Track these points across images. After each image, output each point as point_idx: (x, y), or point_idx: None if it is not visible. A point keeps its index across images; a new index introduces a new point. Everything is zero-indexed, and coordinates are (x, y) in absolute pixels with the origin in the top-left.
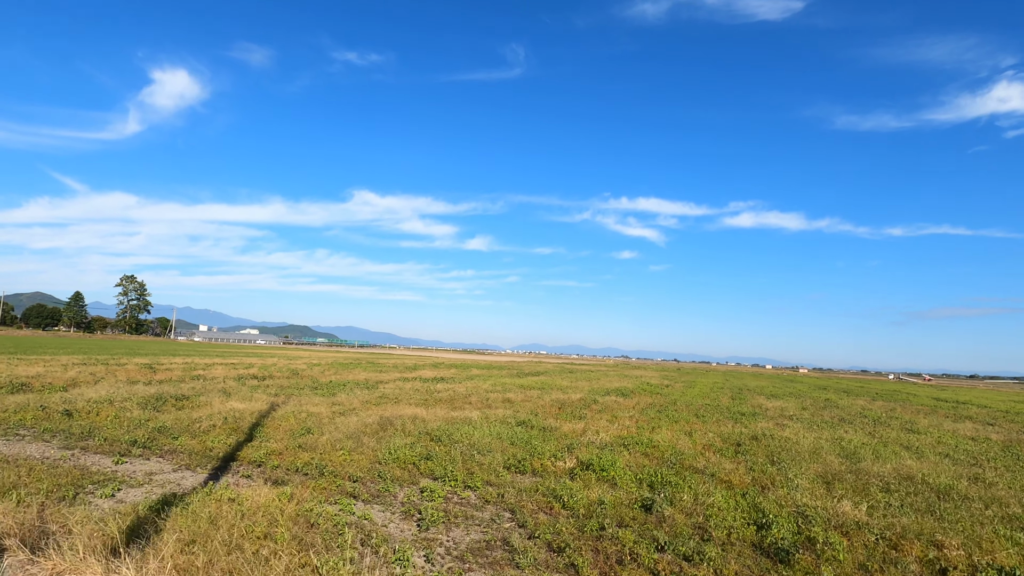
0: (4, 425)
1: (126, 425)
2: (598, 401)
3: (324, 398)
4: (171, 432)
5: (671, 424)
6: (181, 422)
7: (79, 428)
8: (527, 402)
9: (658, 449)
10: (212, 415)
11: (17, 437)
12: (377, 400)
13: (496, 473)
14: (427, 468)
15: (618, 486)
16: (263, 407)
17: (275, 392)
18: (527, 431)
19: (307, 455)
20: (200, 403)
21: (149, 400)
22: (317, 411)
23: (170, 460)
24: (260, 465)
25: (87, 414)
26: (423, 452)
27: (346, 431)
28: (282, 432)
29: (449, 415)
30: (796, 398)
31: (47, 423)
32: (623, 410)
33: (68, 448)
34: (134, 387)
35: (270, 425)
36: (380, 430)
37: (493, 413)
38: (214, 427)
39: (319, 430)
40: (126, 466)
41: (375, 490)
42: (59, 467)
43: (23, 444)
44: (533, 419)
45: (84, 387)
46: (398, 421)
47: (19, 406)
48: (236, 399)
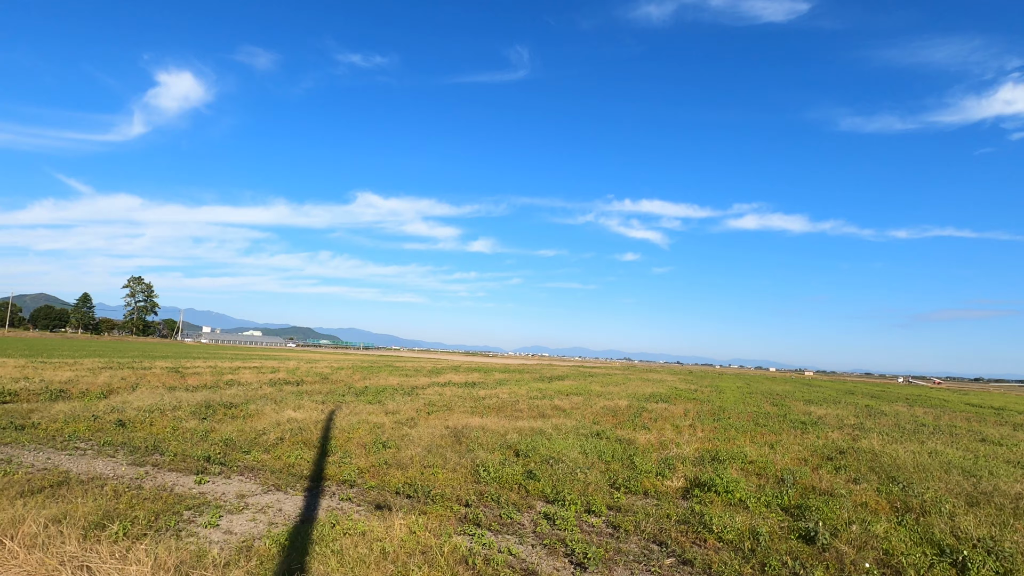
0: (59, 436)
1: (188, 437)
2: (647, 408)
3: (373, 406)
4: (239, 445)
5: (741, 435)
6: (245, 434)
7: (140, 441)
8: (577, 409)
9: (755, 464)
10: (272, 426)
11: (79, 451)
12: (428, 408)
13: (608, 494)
14: (535, 489)
15: (751, 510)
16: (319, 416)
17: (321, 399)
18: (607, 444)
19: (398, 473)
20: (251, 412)
21: (199, 409)
22: (378, 421)
23: (254, 479)
24: (352, 485)
25: (141, 424)
26: (522, 470)
27: (422, 444)
28: (355, 446)
29: (515, 425)
30: (836, 404)
31: (103, 435)
32: (677, 418)
33: (139, 464)
34: (175, 394)
35: (339, 437)
36: (455, 443)
37: (557, 423)
38: (282, 440)
39: (395, 444)
40: (210, 486)
41: (495, 516)
42: (142, 488)
43: (88, 460)
44: (604, 430)
45: (123, 394)
46: (470, 433)
47: (68, 416)
48: (287, 408)
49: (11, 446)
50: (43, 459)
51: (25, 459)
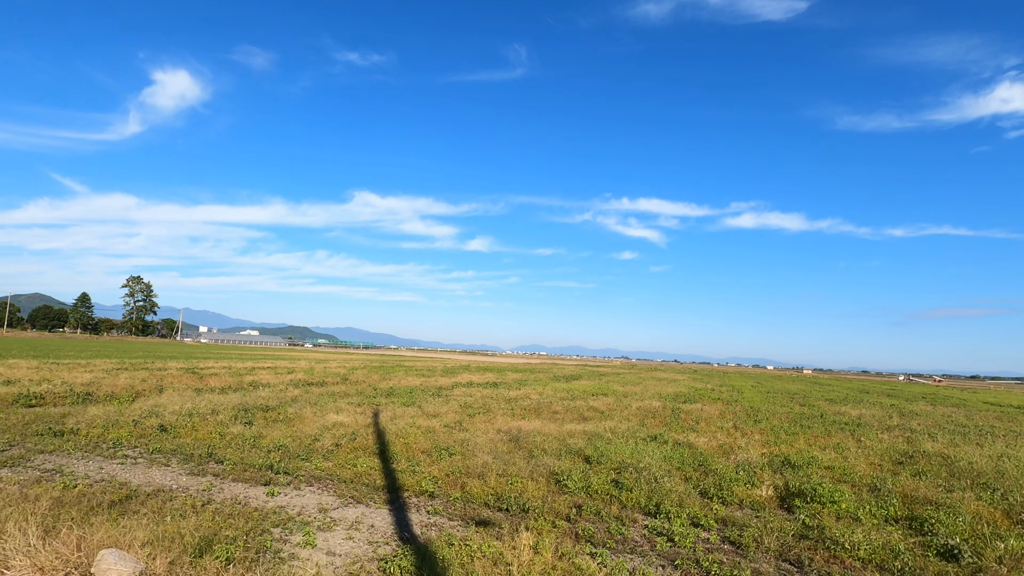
0: (103, 443)
1: (240, 444)
2: (681, 409)
3: (410, 408)
4: (295, 452)
5: (794, 437)
6: (297, 440)
7: (190, 448)
8: (614, 411)
9: (834, 471)
10: (320, 431)
11: (129, 460)
12: (465, 410)
13: (705, 505)
14: (629, 500)
15: (863, 522)
16: (363, 420)
17: (355, 402)
18: (671, 449)
19: (476, 483)
20: (290, 415)
21: (238, 412)
22: (425, 425)
23: (326, 490)
24: (433, 496)
25: (184, 430)
26: (606, 479)
27: (484, 450)
28: (417, 452)
29: (565, 429)
30: (860, 404)
31: (148, 441)
32: (716, 420)
33: (198, 474)
34: (204, 396)
35: (395, 443)
36: (516, 448)
37: (607, 426)
38: (338, 447)
39: (457, 450)
40: (285, 499)
41: (604, 532)
42: (212, 501)
43: (143, 469)
44: (660, 433)
45: (151, 397)
46: (528, 438)
47: (105, 420)
48: (327, 411)
49: (56, 454)
50: (95, 469)
51: (77, 469)
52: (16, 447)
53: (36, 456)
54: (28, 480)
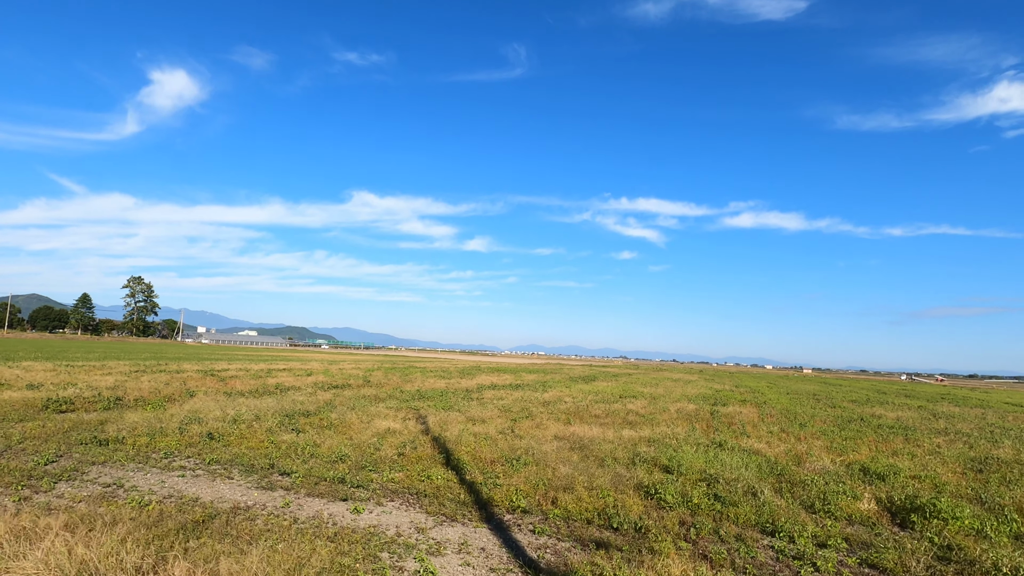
0: (153, 453)
1: (298, 453)
2: (719, 412)
3: (453, 413)
4: (361, 463)
5: (854, 443)
6: (356, 448)
7: (248, 458)
8: (656, 414)
9: (923, 480)
10: (374, 438)
11: (189, 472)
12: (506, 414)
13: (816, 521)
14: (737, 516)
15: (993, 540)
16: (414, 427)
17: (394, 406)
18: (742, 456)
19: (568, 497)
20: (334, 421)
21: (282, 419)
22: (480, 431)
23: (411, 505)
24: (527, 512)
25: (233, 438)
26: (704, 492)
27: (555, 459)
28: (486, 461)
29: (619, 435)
30: (885, 405)
31: (200, 450)
32: (760, 423)
33: (268, 488)
34: (236, 401)
35: (460, 452)
36: (584, 456)
37: (660, 431)
38: (402, 456)
39: (528, 459)
40: (371, 516)
41: (734, 554)
42: (298, 520)
43: (207, 483)
44: (724, 440)
45: (183, 402)
46: (592, 445)
47: (150, 429)
48: (374, 417)
49: (109, 465)
50: (156, 483)
51: (139, 483)
52: (65, 457)
53: (89, 468)
54: (93, 496)
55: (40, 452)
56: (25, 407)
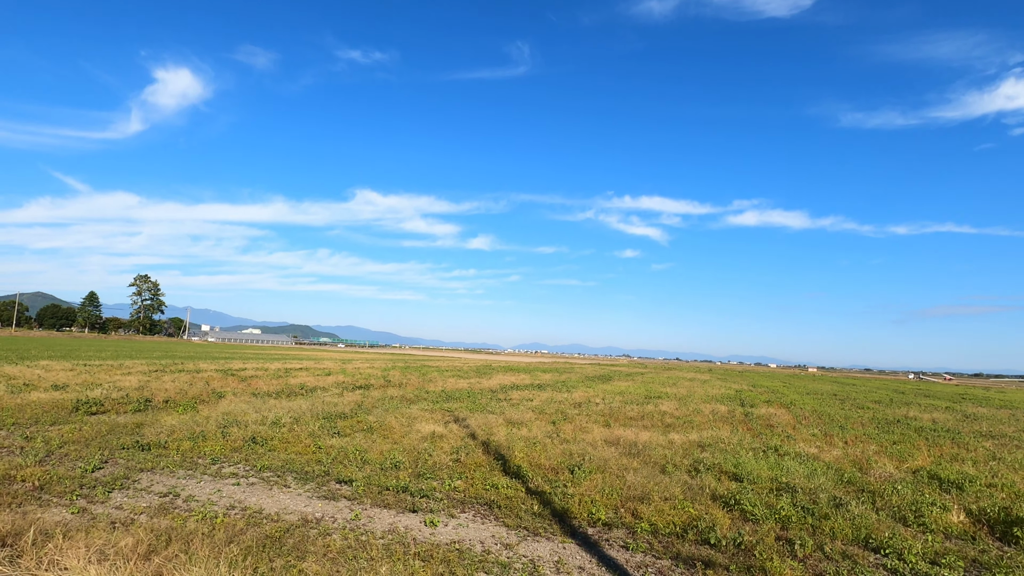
0: (199, 458)
1: (351, 459)
2: (752, 414)
3: (488, 415)
4: (417, 470)
5: (907, 447)
6: (409, 455)
7: (300, 464)
8: (692, 416)
9: (1003, 489)
10: (422, 443)
11: (243, 480)
12: (544, 417)
13: (916, 536)
14: (835, 530)
15: None
16: (457, 430)
17: (428, 408)
18: (802, 463)
19: (646, 509)
20: (374, 424)
21: (321, 421)
22: (526, 435)
23: (485, 517)
24: (610, 526)
25: (277, 442)
26: (787, 502)
27: (616, 466)
28: (546, 468)
29: (667, 439)
30: (909, 406)
31: (247, 456)
32: (798, 426)
33: (329, 498)
34: (268, 402)
35: (516, 457)
36: (643, 462)
37: (708, 435)
38: (458, 462)
39: (589, 466)
40: (450, 530)
41: (850, 574)
42: (372, 534)
43: (264, 491)
44: (778, 445)
45: (214, 403)
46: (647, 451)
47: (190, 432)
48: (414, 420)
49: (158, 473)
50: (213, 492)
51: (195, 492)
52: (110, 464)
53: (138, 475)
54: (152, 508)
55: (84, 458)
56: (55, 409)
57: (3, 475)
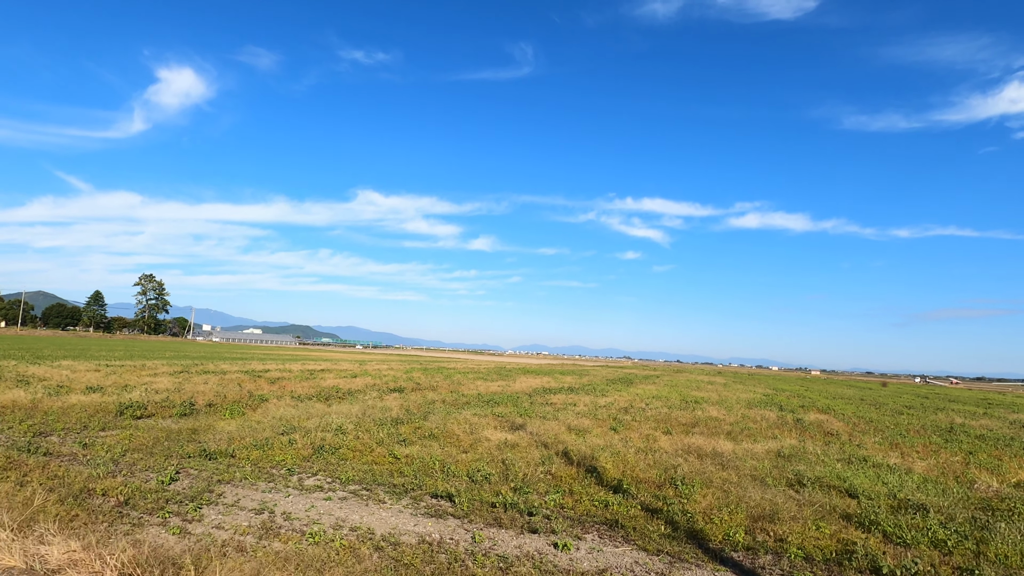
0: (273, 468)
1: (435, 470)
2: (803, 422)
3: (545, 421)
4: (513, 484)
5: (990, 456)
6: (493, 464)
7: (383, 475)
8: (747, 424)
9: None
10: (499, 453)
11: (334, 495)
12: (601, 424)
13: None
14: (995, 555)
15: None
16: (525, 439)
17: (480, 413)
18: (900, 476)
19: (782, 529)
20: (435, 431)
21: (384, 428)
22: (602, 444)
23: (614, 540)
24: (753, 550)
25: (347, 451)
26: (920, 523)
27: (716, 478)
28: (647, 483)
29: (743, 448)
30: (943, 412)
31: (326, 467)
32: (853, 433)
33: (434, 515)
34: (316, 407)
35: (608, 470)
36: (736, 474)
37: (786, 444)
38: (550, 475)
39: (695, 479)
40: (583, 555)
41: None
42: (507, 559)
43: (361, 507)
44: (867, 455)
45: (260, 407)
46: (732, 462)
47: (254, 440)
48: (470, 426)
49: (238, 485)
50: (307, 508)
51: (289, 508)
52: (184, 475)
53: (220, 488)
54: (253, 527)
55: (153, 468)
56: (99, 412)
57: (82, 488)
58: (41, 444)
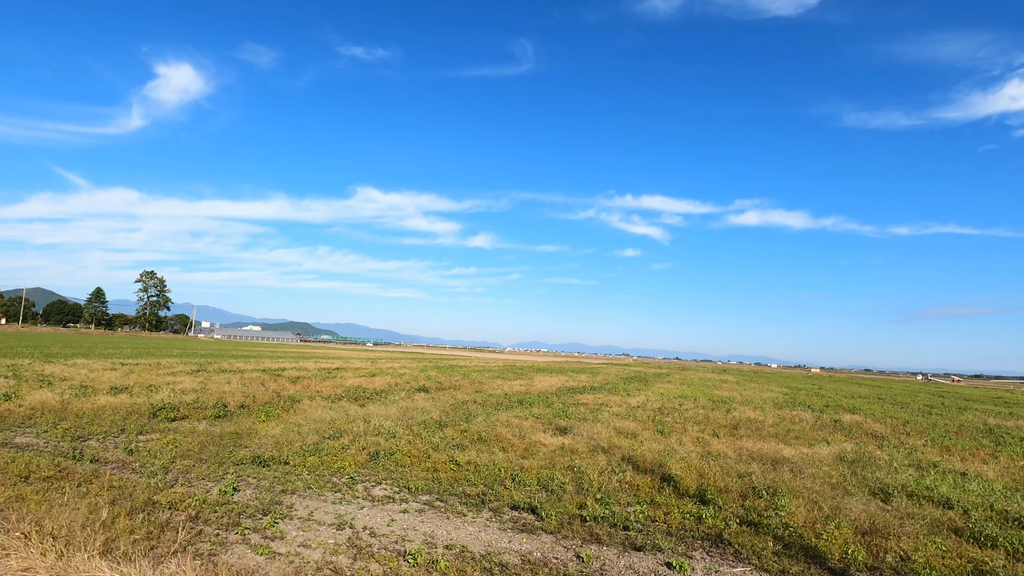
0: (334, 476)
1: (504, 479)
2: (840, 421)
3: (588, 424)
4: (587, 493)
5: None
6: (567, 473)
7: (452, 485)
8: (787, 426)
9: None
10: (564, 459)
11: (409, 506)
12: (642, 424)
13: None
14: None
15: None
16: (582, 443)
17: (521, 415)
18: (979, 484)
19: (896, 546)
20: (484, 435)
21: (436, 432)
22: (661, 448)
23: (723, 558)
24: (875, 569)
25: (399, 455)
26: None
27: (798, 488)
28: (732, 493)
29: (814, 453)
30: (974, 412)
31: (389, 475)
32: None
33: (525, 530)
34: (352, 408)
35: (686, 479)
36: (811, 480)
37: (845, 448)
38: (624, 483)
39: (783, 489)
40: None
41: None
42: None
43: (441, 520)
44: (934, 460)
45: (293, 408)
46: (802, 466)
47: (301, 445)
48: (520, 430)
49: (304, 496)
50: (387, 521)
51: (370, 522)
52: (244, 484)
53: (288, 500)
54: (342, 545)
55: (210, 477)
56: (131, 415)
57: (146, 500)
58: (84, 449)
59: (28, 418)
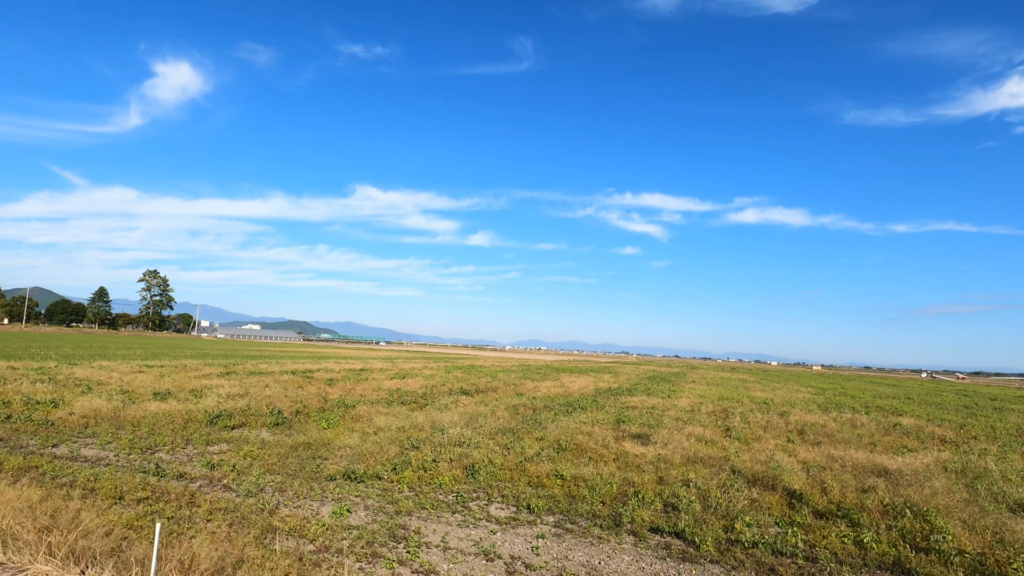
0: (433, 491)
1: (617, 494)
2: (902, 427)
3: (661, 431)
4: (713, 511)
5: None
6: (692, 490)
7: (569, 503)
8: (856, 430)
9: None
10: (655, 467)
11: (543, 529)
12: (717, 433)
13: None
14: None
15: None
16: (673, 453)
17: (592, 421)
18: None
19: None
20: (563, 443)
21: (512, 440)
22: (769, 459)
23: None
24: None
25: (492, 468)
26: None
27: (946, 507)
28: (869, 511)
29: (920, 461)
30: (1005, 412)
31: (500, 492)
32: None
33: (682, 558)
34: (412, 415)
35: (811, 494)
36: (949, 499)
37: (928, 460)
38: (750, 500)
39: (928, 508)
40: None
41: None
42: None
43: (583, 546)
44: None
45: (353, 415)
46: (898, 478)
47: (388, 458)
48: (601, 439)
49: (422, 518)
50: (530, 548)
51: (513, 550)
52: (354, 504)
53: (406, 521)
54: None
55: (309, 496)
56: (189, 423)
57: (265, 527)
58: (159, 463)
59: (84, 427)
